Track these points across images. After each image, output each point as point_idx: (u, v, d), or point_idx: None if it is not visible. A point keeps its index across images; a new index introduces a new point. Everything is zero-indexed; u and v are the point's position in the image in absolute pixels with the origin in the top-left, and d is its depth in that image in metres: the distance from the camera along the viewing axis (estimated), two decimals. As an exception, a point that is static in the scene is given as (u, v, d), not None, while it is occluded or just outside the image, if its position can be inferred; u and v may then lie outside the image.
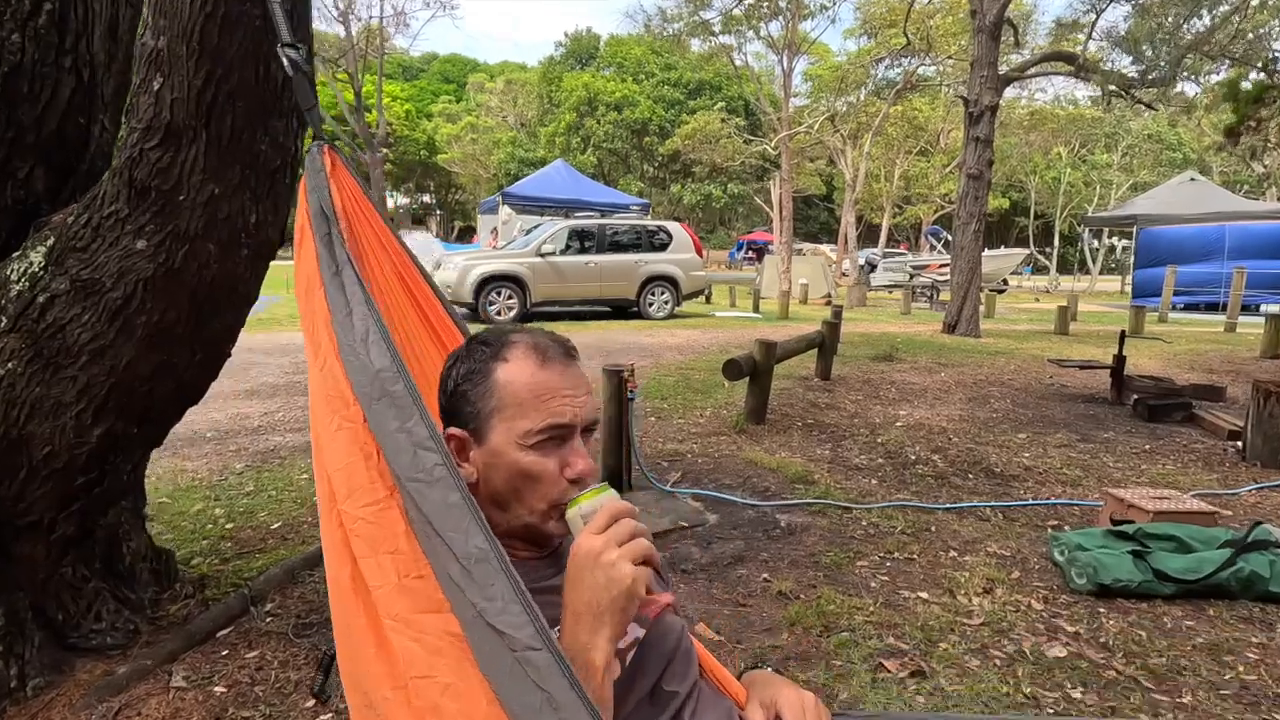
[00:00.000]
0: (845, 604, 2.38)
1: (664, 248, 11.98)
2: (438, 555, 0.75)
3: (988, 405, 5.59)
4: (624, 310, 11.95)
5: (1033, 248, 29.94)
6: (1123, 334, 5.92)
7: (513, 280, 10.82)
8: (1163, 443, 4.54)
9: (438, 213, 45.01)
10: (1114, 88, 10.28)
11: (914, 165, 27.99)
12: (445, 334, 1.28)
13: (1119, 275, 29.18)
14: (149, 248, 1.50)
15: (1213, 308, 14.31)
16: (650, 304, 11.82)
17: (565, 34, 40.12)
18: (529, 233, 12.17)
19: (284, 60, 1.19)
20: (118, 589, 1.94)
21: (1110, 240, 30.85)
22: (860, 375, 6.77)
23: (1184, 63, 10.78)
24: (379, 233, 1.22)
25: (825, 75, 26.17)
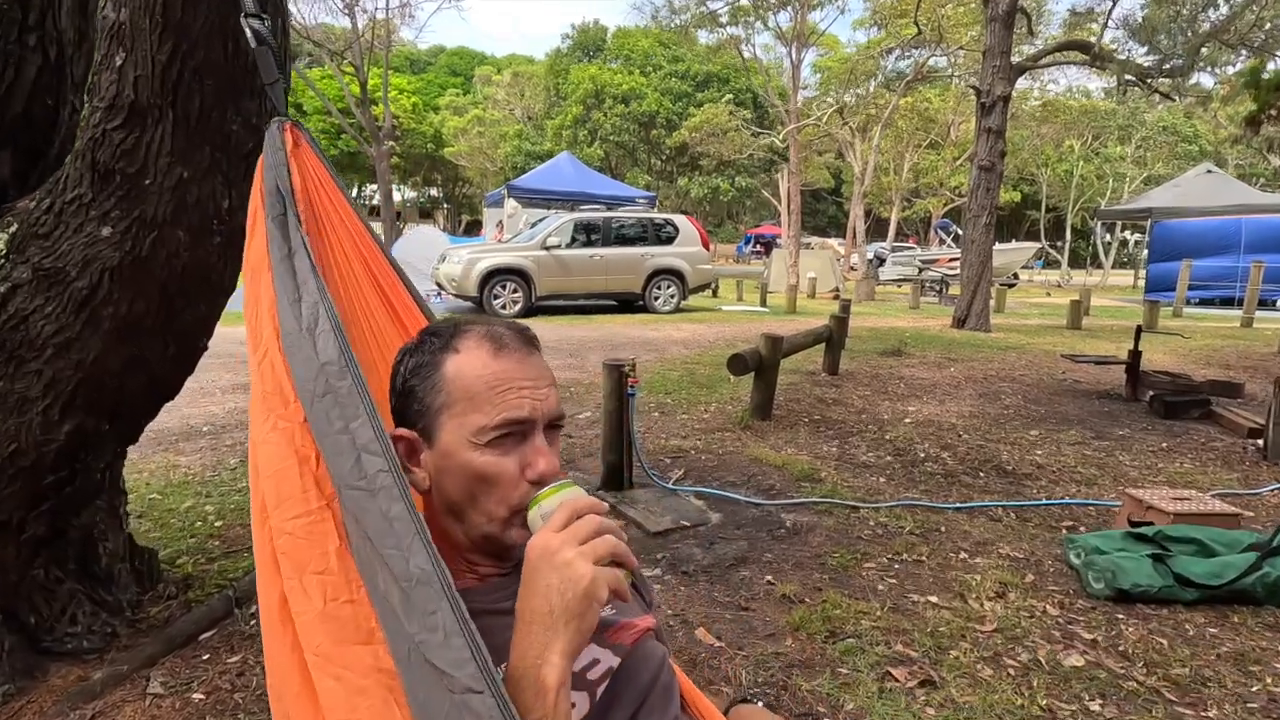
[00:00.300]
0: (851, 608, 2.29)
1: (670, 241, 11.86)
2: (374, 577, 0.66)
3: (999, 401, 5.47)
4: (629, 304, 11.85)
5: (1044, 242, 29.60)
6: (1139, 329, 5.78)
7: (517, 274, 10.73)
8: (1180, 440, 4.41)
9: (445, 206, 45.00)
10: (1130, 77, 10.07)
11: (924, 158, 27.68)
12: (415, 328, 1.20)
13: (1131, 269, 28.86)
14: (115, 235, 1.42)
15: (1228, 302, 14.08)
16: (656, 298, 11.71)
17: (572, 26, 39.92)
18: (534, 226, 12.08)
19: (247, 31, 1.11)
20: (94, 591, 1.87)
21: (1123, 234, 30.51)
22: (868, 370, 6.66)
23: (1202, 52, 10.55)
24: (345, 218, 1.14)
25: (834, 67, 25.93)
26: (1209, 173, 17.19)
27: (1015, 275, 22.00)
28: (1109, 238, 27.44)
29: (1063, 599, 2.39)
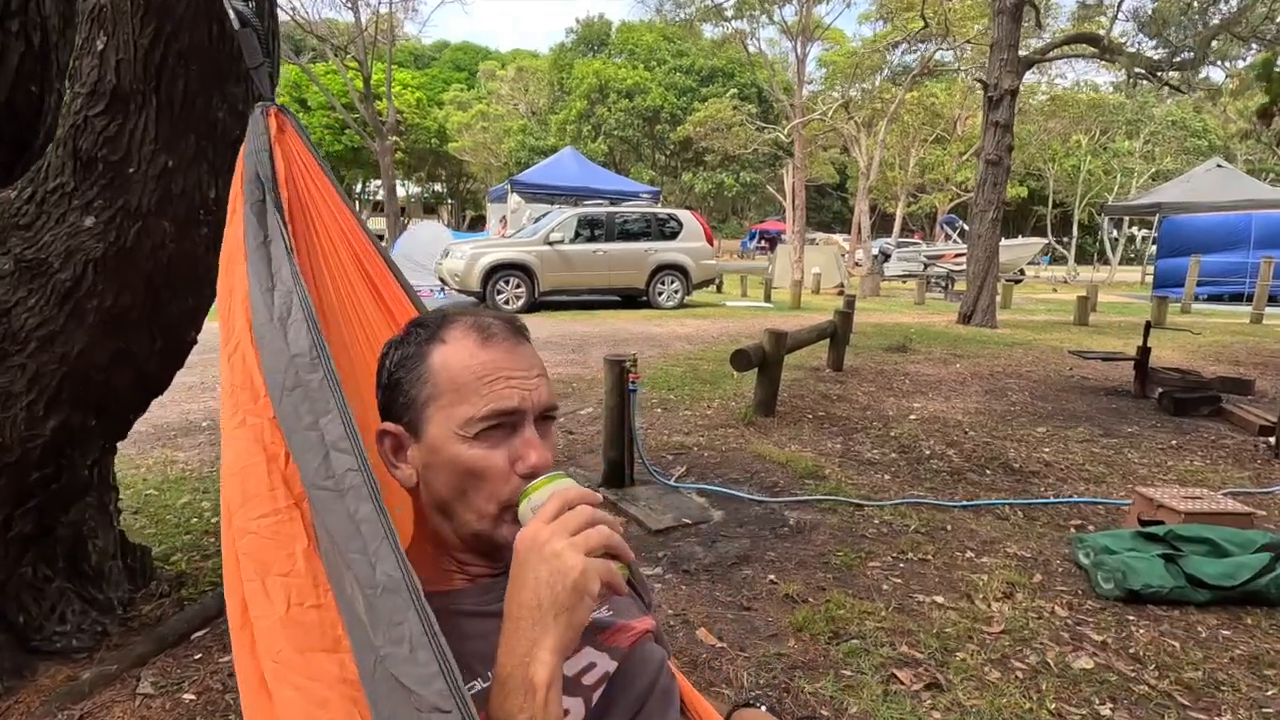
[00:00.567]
0: (856, 608, 2.24)
1: (674, 236, 11.80)
2: (341, 582, 0.62)
3: (1005, 398, 5.41)
4: (633, 300, 11.80)
5: (1050, 237, 29.41)
6: (1148, 324, 5.72)
7: (521, 269, 10.69)
8: (1190, 438, 4.35)
9: (449, 202, 44.96)
10: (1139, 70, 9.95)
11: (929, 153, 27.52)
12: (404, 319, 1.16)
13: (1139, 265, 28.67)
14: (98, 225, 1.38)
15: (1236, 298, 13.95)
16: (660, 293, 11.66)
17: (576, 20, 39.71)
18: (538, 221, 12.04)
19: (230, 13, 1.07)
20: (84, 589, 1.83)
21: (1130, 230, 30.26)
22: (873, 366, 6.60)
23: (1212, 45, 10.42)
24: (332, 207, 1.09)
25: (840, 61, 25.75)
26: (1218, 167, 17.02)
27: (1021, 271, 21.86)
28: (1116, 233, 27.19)
29: (1071, 600, 2.35)
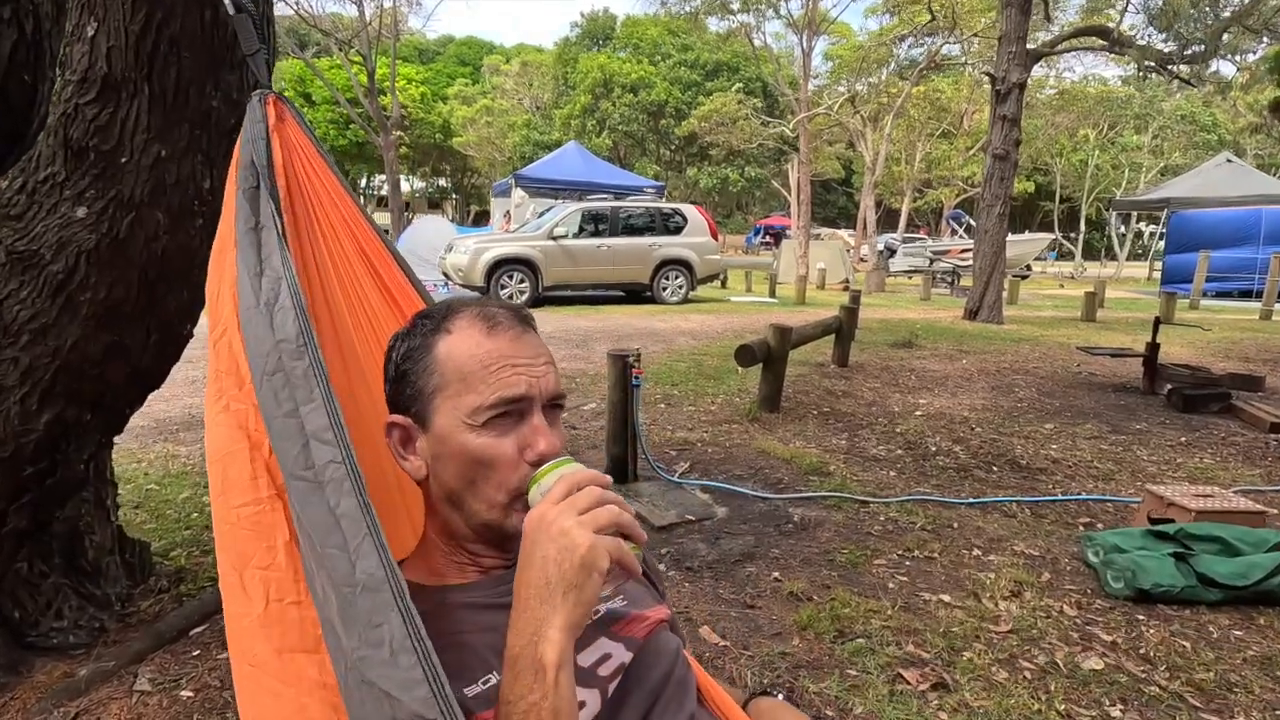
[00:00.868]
0: (861, 607, 2.22)
1: (679, 231, 11.75)
2: (314, 581, 0.59)
3: (1012, 394, 5.36)
4: (637, 295, 11.76)
5: (1058, 233, 29.22)
6: (1157, 320, 5.66)
7: (524, 264, 10.66)
8: (1199, 435, 4.30)
9: (453, 196, 44.93)
10: (1150, 64, 9.85)
11: (936, 148, 27.34)
12: (411, 310, 1.13)
13: (1146, 261, 28.47)
14: (90, 216, 1.36)
15: (1246, 294, 13.83)
16: (664, 288, 11.62)
17: (581, 15, 39.57)
18: (541, 215, 12.00)
19: (224, -4, 1.04)
20: (81, 585, 1.82)
21: (1138, 225, 30.03)
22: (879, 362, 6.55)
23: (1224, 38, 10.30)
24: (334, 197, 1.06)
25: (846, 55, 25.62)
26: (1228, 162, 16.87)
27: (1028, 267, 21.74)
28: (1124, 229, 26.98)
29: (1080, 599, 2.31)
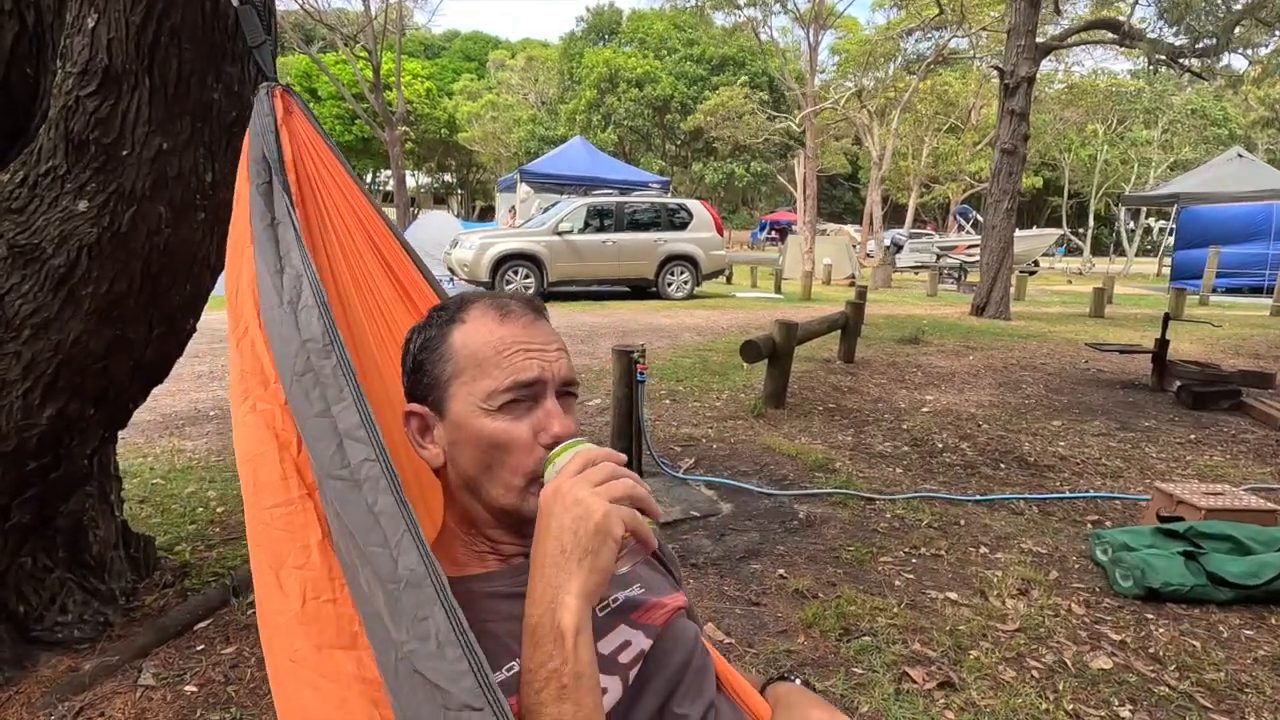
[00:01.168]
0: (867, 604, 2.20)
1: (684, 226, 11.71)
2: (357, 577, 0.59)
3: (1019, 390, 5.33)
4: (642, 290, 11.74)
5: (1066, 228, 29.02)
6: (1166, 316, 5.61)
7: (530, 259, 10.64)
8: (1209, 432, 4.27)
9: (459, 192, 44.94)
10: (1160, 57, 9.74)
11: (943, 143, 27.17)
12: (425, 305, 1.12)
13: (1155, 257, 28.27)
14: (91, 209, 1.35)
15: (1256, 290, 13.72)
16: (669, 284, 11.59)
17: (587, 9, 39.40)
18: (546, 211, 11.98)
19: (227, -12, 1.02)
20: (85, 579, 1.82)
21: (1147, 221, 29.80)
22: (885, 358, 6.52)
23: (1235, 31, 10.18)
24: (345, 191, 1.05)
25: (853, 49, 25.45)
26: (1239, 157, 16.70)
27: (1036, 262, 21.61)
28: (1133, 224, 26.77)
29: (1088, 597, 2.29)
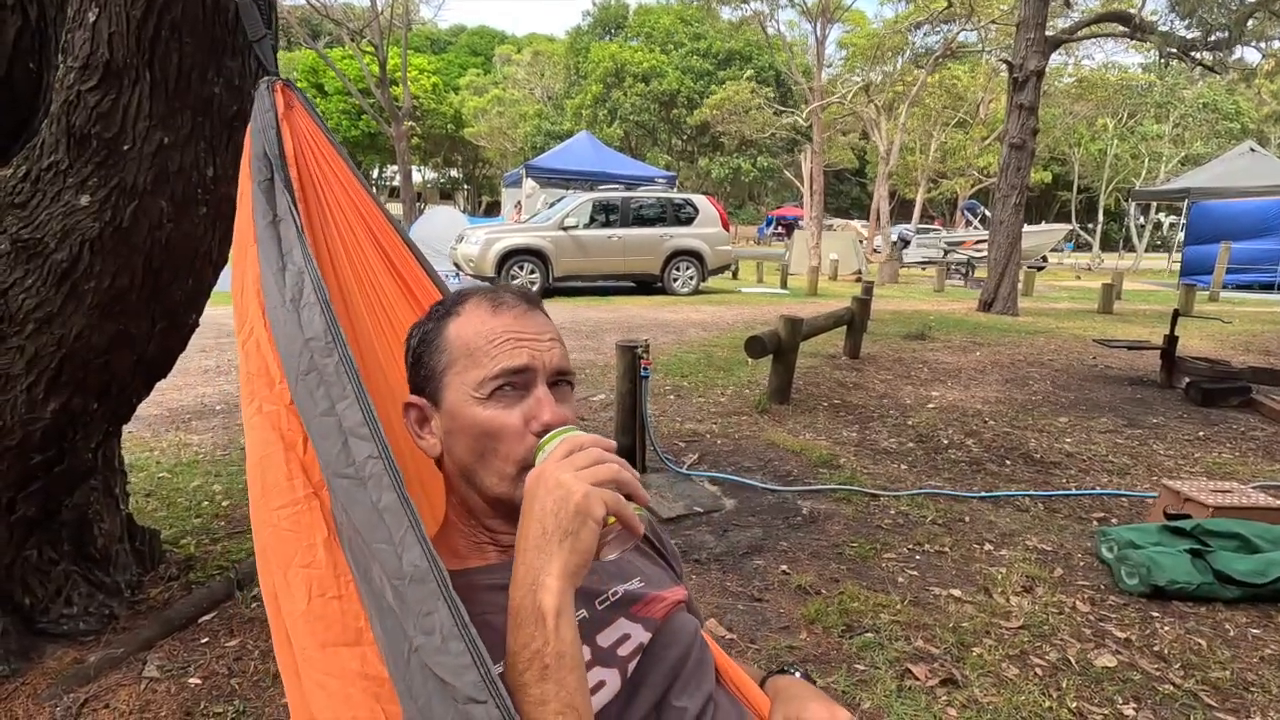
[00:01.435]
0: (870, 601, 2.20)
1: (689, 221, 11.69)
2: (369, 572, 0.60)
3: (1026, 387, 5.30)
4: (648, 286, 11.72)
5: (1075, 224, 28.80)
6: (1175, 312, 5.56)
7: (535, 254, 10.65)
8: (1218, 429, 4.23)
9: (465, 187, 44.96)
10: (1172, 50, 9.64)
11: (951, 137, 26.99)
12: (427, 302, 1.12)
13: (1165, 253, 28.03)
14: (93, 204, 1.35)
15: (1267, 287, 13.59)
16: (675, 279, 11.57)
17: (593, 3, 39.23)
18: (552, 206, 11.97)
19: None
20: (90, 572, 1.83)
21: (1157, 216, 29.55)
22: (891, 354, 6.50)
23: (1248, 24, 10.05)
24: (346, 186, 1.05)
25: (860, 43, 25.27)
26: (1251, 151, 16.52)
27: (1044, 258, 21.47)
28: (1143, 219, 26.56)
29: (1094, 595, 2.28)
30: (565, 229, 10.84)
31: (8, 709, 1.58)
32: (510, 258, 10.49)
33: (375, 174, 39.59)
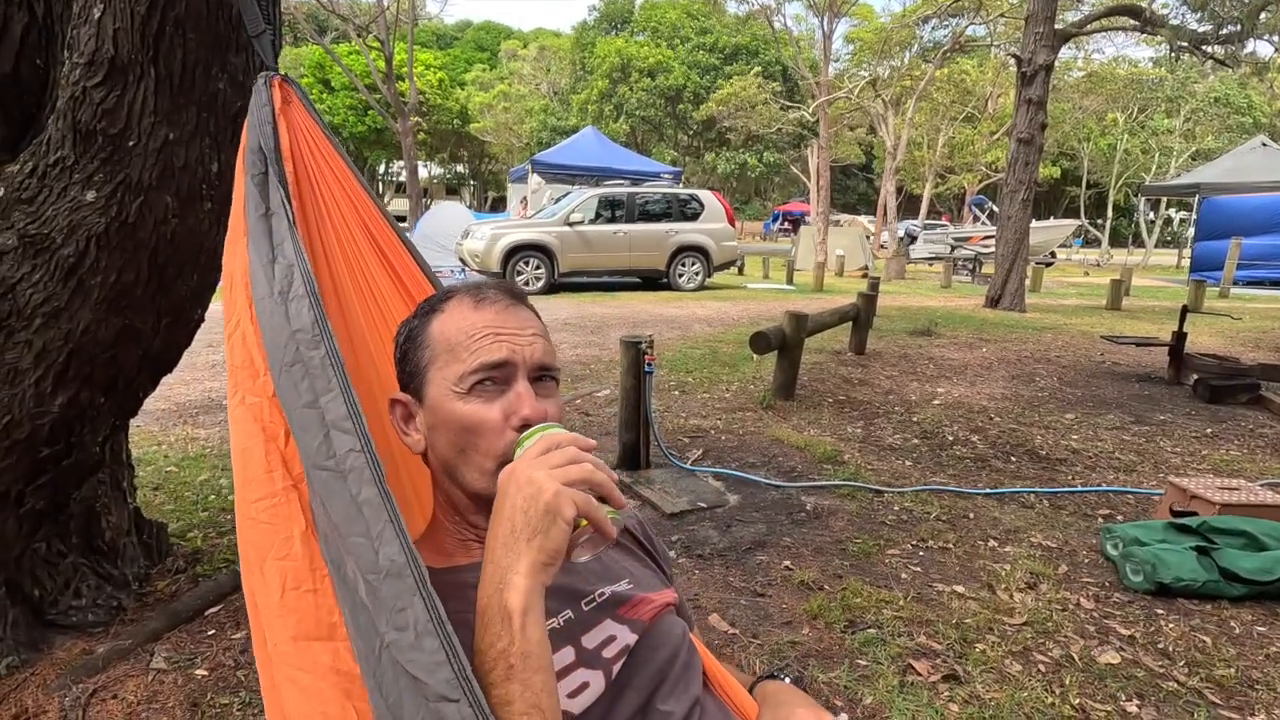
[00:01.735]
0: (873, 597, 2.20)
1: (695, 217, 11.67)
2: (343, 567, 0.59)
3: (1033, 383, 5.28)
4: (653, 281, 11.72)
5: (1084, 219, 28.58)
6: (1184, 308, 5.52)
7: (540, 250, 10.66)
8: (1226, 426, 4.20)
9: (471, 183, 44.98)
10: (1183, 44, 9.55)
11: (959, 132, 26.81)
12: (422, 298, 1.13)
13: (1175, 249, 27.82)
14: (99, 199, 1.36)
15: (1277, 283, 13.47)
16: (680, 275, 11.56)
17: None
18: (558, 201, 11.97)
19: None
20: (98, 564, 1.85)
21: (1167, 211, 29.30)
22: (896, 350, 6.48)
23: (1261, 17, 9.94)
24: (342, 182, 1.05)
25: (868, 37, 25.12)
26: (1263, 146, 16.35)
27: (1052, 254, 21.32)
28: (1153, 215, 26.33)
29: (1098, 592, 2.27)
30: (571, 224, 10.84)
31: (18, 699, 1.60)
32: (516, 253, 10.50)
33: (381, 169, 39.64)
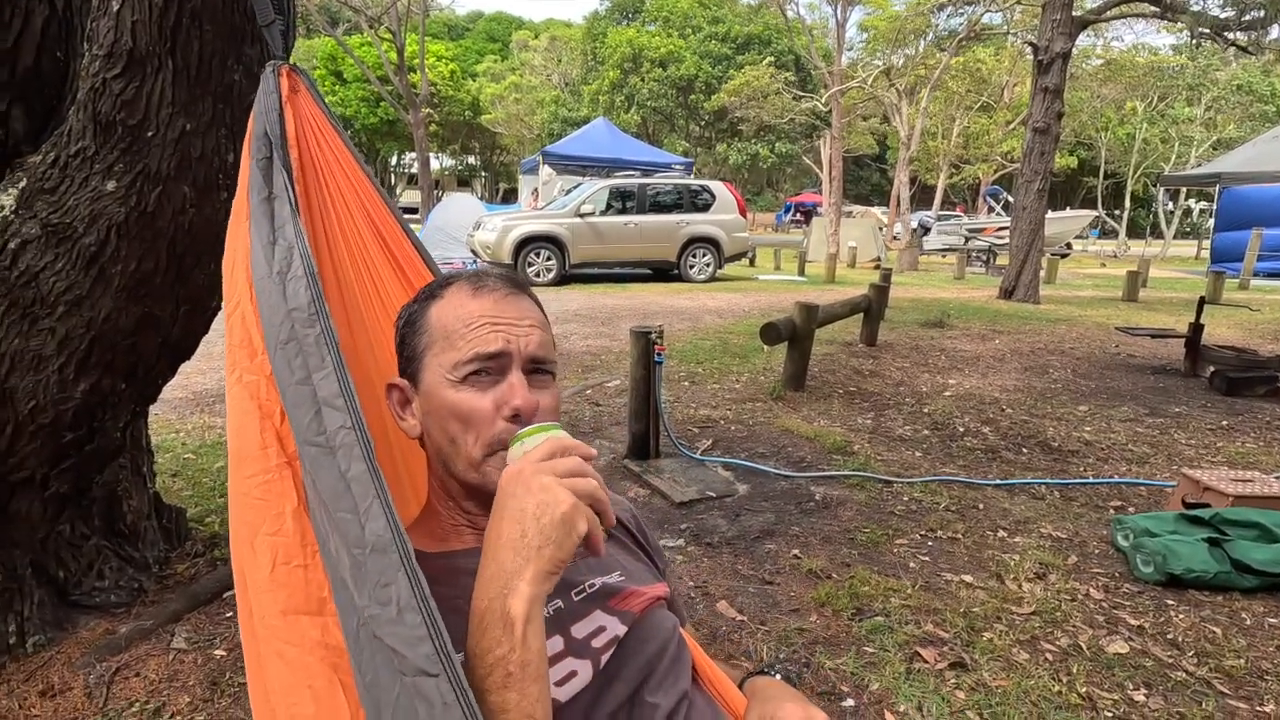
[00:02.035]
0: (881, 585, 2.21)
1: (706, 208, 11.63)
2: (329, 543, 0.61)
3: (1046, 375, 5.24)
4: (664, 273, 11.71)
5: (1101, 210, 28.21)
6: (1201, 300, 5.45)
7: (552, 241, 10.67)
8: (1242, 419, 4.16)
9: (483, 174, 45.03)
10: (1204, 31, 9.38)
11: (974, 122, 26.50)
12: (421, 285, 1.15)
13: (1194, 240, 27.40)
14: (119, 189, 1.39)
15: (1300, 275, 13.27)
16: (691, 266, 11.55)
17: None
18: (569, 193, 11.97)
19: (239, -32, 1.04)
20: (120, 547, 1.90)
21: (1187, 202, 28.84)
22: (908, 341, 6.45)
23: (1285, 2, 9.73)
24: (346, 170, 1.07)
25: (882, 26, 24.83)
26: (1286, 134, 16.03)
27: (1068, 245, 21.06)
28: (1171, 206, 25.94)
29: (1107, 583, 2.27)
30: (582, 216, 10.84)
31: (45, 675, 1.65)
32: (527, 244, 10.52)
33: (394, 161, 39.78)
